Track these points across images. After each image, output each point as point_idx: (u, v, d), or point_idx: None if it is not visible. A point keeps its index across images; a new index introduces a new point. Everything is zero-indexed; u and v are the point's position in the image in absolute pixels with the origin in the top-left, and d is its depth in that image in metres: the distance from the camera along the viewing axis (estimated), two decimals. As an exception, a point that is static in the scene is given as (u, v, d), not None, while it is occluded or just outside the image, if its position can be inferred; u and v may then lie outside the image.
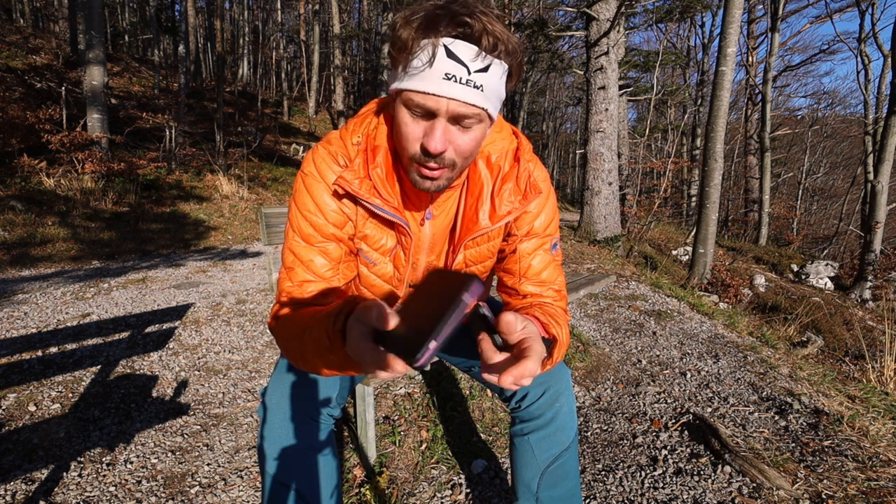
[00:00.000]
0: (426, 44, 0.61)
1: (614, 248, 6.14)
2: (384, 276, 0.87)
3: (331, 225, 0.78)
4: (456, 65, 0.61)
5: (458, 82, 0.61)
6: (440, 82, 0.61)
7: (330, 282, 0.79)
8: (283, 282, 0.79)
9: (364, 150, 0.77)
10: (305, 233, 0.78)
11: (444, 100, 0.62)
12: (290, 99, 19.02)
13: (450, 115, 0.64)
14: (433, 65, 0.61)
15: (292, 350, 0.68)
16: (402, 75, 0.64)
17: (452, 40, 0.61)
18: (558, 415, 0.90)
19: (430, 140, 0.64)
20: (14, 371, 2.02)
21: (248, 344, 2.50)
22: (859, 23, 10.43)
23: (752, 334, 2.85)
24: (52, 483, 1.35)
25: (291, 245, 0.79)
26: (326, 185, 0.77)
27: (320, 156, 0.79)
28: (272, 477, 0.78)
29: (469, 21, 0.60)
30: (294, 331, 0.68)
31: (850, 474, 1.41)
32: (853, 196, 15.83)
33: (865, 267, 7.44)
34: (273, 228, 1.44)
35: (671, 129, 14.52)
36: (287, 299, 0.77)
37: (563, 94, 29.90)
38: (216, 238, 5.99)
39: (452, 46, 0.61)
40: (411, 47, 0.61)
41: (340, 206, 0.79)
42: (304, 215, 0.78)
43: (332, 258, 0.79)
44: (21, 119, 6.15)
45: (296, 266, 0.78)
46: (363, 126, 0.79)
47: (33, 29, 14.40)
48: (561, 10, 8.90)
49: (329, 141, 0.80)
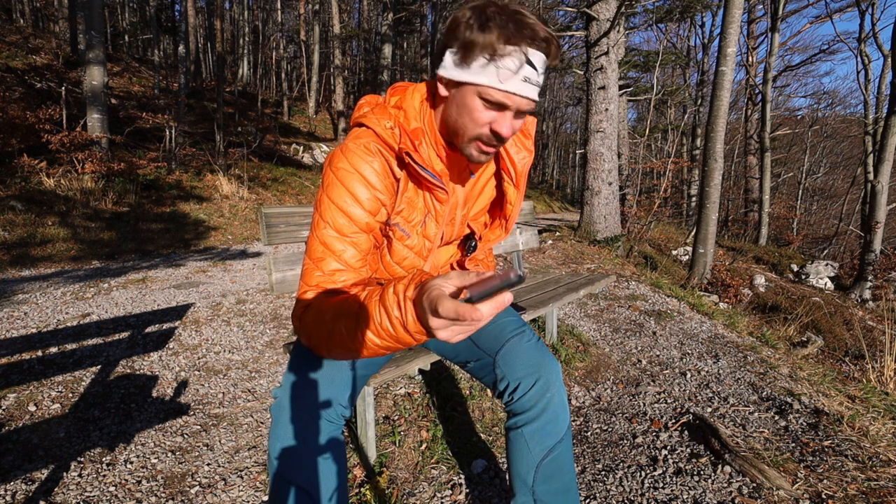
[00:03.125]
0: (512, 50, 0.72)
1: (614, 248, 6.13)
2: (414, 248, 0.94)
3: (367, 213, 0.84)
4: (532, 71, 0.74)
5: (531, 83, 0.75)
6: (520, 84, 0.74)
7: (359, 272, 0.83)
8: (310, 273, 0.82)
9: (404, 133, 0.84)
10: (339, 223, 0.82)
11: (520, 99, 0.75)
12: (290, 99, 19.01)
13: (518, 109, 0.77)
14: (518, 71, 0.73)
15: (338, 330, 0.70)
16: (483, 71, 0.74)
17: (533, 51, 0.73)
18: (549, 405, 0.93)
19: (503, 127, 0.77)
20: (14, 371, 2.02)
21: (248, 344, 2.50)
22: (859, 23, 10.43)
23: (752, 334, 2.85)
24: (52, 483, 1.35)
25: (323, 236, 0.82)
26: (360, 176, 0.83)
27: (351, 150, 0.84)
28: (280, 476, 0.79)
29: (546, 37, 0.73)
30: (340, 311, 0.71)
31: (850, 474, 1.41)
32: (853, 196, 15.83)
33: (865, 267, 7.44)
34: (273, 229, 1.43)
35: (671, 129, 14.53)
36: (319, 289, 0.80)
37: (563, 94, 29.93)
38: (216, 238, 5.99)
39: (532, 57, 0.73)
40: (497, 51, 0.72)
41: (375, 194, 0.84)
42: (339, 207, 0.82)
43: (362, 249, 0.84)
44: (21, 119, 6.15)
45: (327, 256, 0.81)
46: (385, 115, 0.86)
47: (33, 29, 14.39)
48: (561, 10, 8.90)
49: (357, 136, 0.86)
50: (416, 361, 1.33)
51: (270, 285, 1.43)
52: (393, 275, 0.97)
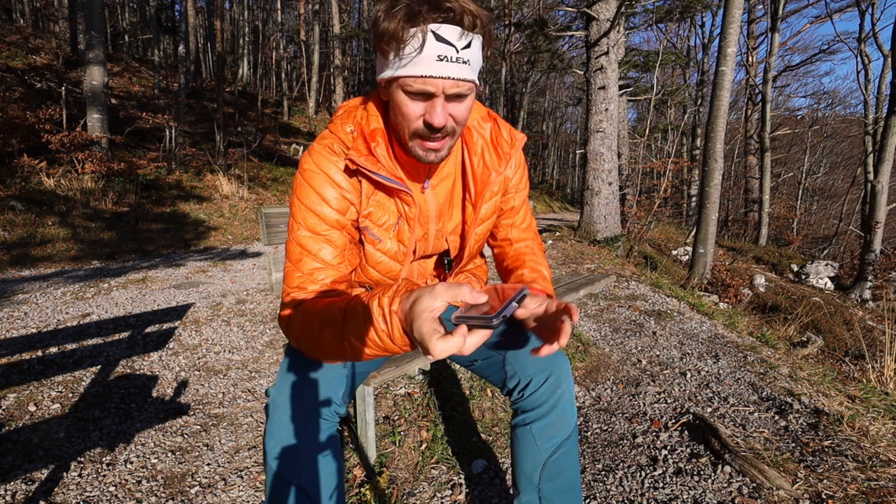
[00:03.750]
0: (415, 31, 0.67)
1: (614, 248, 6.13)
2: (389, 253, 0.93)
3: (335, 212, 0.84)
4: (445, 46, 0.68)
5: (449, 61, 0.68)
6: (433, 64, 0.68)
7: (338, 269, 0.84)
8: (291, 275, 0.82)
9: (360, 135, 0.84)
10: (310, 223, 0.83)
11: (440, 80, 0.69)
12: (290, 99, 19.01)
13: (446, 93, 0.71)
14: (423, 50, 0.67)
15: (325, 337, 0.70)
16: (395, 63, 0.70)
17: (438, 25, 0.67)
18: (560, 402, 0.93)
19: (433, 116, 0.72)
20: (14, 371, 2.02)
21: (248, 344, 2.50)
22: (859, 23, 10.42)
23: (752, 334, 2.85)
24: (52, 483, 1.35)
25: (298, 238, 0.83)
26: (325, 176, 0.83)
27: (316, 152, 0.85)
28: (276, 475, 0.79)
29: (450, 5, 0.67)
30: (324, 317, 0.71)
31: (850, 474, 1.41)
32: (853, 196, 15.83)
33: (865, 267, 7.44)
34: (273, 228, 1.43)
35: (671, 129, 14.52)
36: (300, 290, 0.80)
37: (563, 94, 29.93)
38: (216, 238, 5.99)
39: (440, 31, 0.67)
40: (401, 36, 0.67)
41: (341, 193, 0.84)
42: (308, 207, 0.83)
43: (338, 246, 0.84)
44: (21, 119, 6.15)
45: (304, 257, 0.82)
46: (350, 118, 0.86)
47: (33, 29, 14.40)
48: (561, 10, 8.91)
49: (322, 137, 0.87)
50: (416, 361, 1.33)
51: (270, 285, 1.43)
52: (370, 279, 0.97)
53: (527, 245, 1.07)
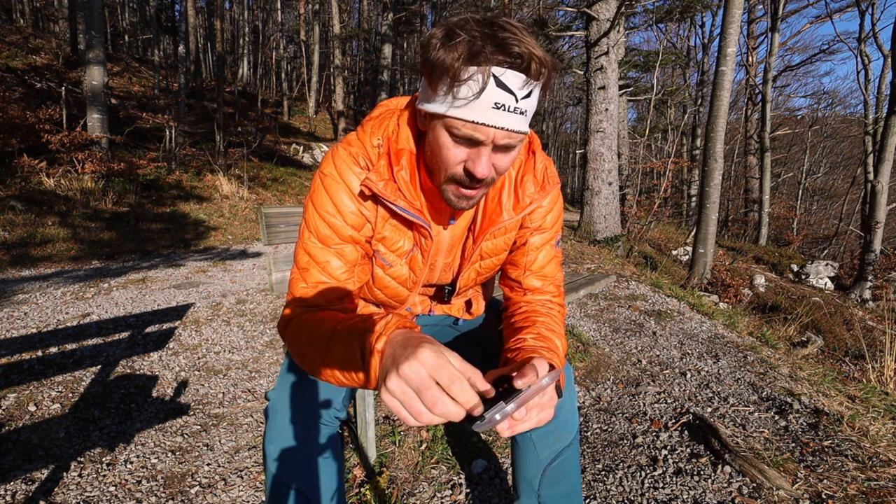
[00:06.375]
0: (475, 72, 0.59)
1: (614, 248, 6.13)
2: (399, 278, 0.89)
3: (349, 227, 0.78)
4: (506, 94, 0.60)
5: (507, 111, 0.61)
6: (489, 112, 0.60)
7: (345, 284, 0.79)
8: (295, 283, 0.79)
9: (387, 153, 0.77)
10: (322, 234, 0.78)
11: (493, 130, 0.62)
12: (290, 99, 19.01)
13: (496, 143, 0.64)
14: (481, 96, 0.60)
15: (309, 355, 0.68)
16: (444, 100, 0.62)
17: (503, 70, 0.59)
18: (561, 411, 0.90)
19: (477, 166, 0.65)
20: (14, 371, 2.02)
21: (248, 344, 2.50)
22: (859, 23, 10.43)
23: (752, 334, 2.85)
24: (52, 483, 1.35)
25: (307, 246, 0.79)
26: (346, 187, 0.77)
27: (340, 157, 0.78)
28: (276, 478, 0.78)
29: (518, 50, 0.59)
30: (311, 336, 0.69)
31: (850, 474, 1.41)
32: (853, 196, 15.83)
33: (865, 267, 7.44)
34: (273, 229, 1.43)
35: (671, 129, 14.53)
36: (301, 302, 0.77)
37: (563, 94, 29.90)
38: (216, 238, 5.99)
39: (503, 77, 0.59)
40: (458, 75, 0.59)
41: (360, 208, 0.79)
42: (321, 216, 0.78)
43: (348, 260, 0.80)
44: (21, 119, 6.15)
45: (311, 267, 0.78)
46: (381, 128, 0.79)
47: (33, 29, 14.40)
48: (561, 10, 8.91)
49: (349, 142, 0.80)
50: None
51: (270, 285, 1.43)
52: (376, 299, 0.95)
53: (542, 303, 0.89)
